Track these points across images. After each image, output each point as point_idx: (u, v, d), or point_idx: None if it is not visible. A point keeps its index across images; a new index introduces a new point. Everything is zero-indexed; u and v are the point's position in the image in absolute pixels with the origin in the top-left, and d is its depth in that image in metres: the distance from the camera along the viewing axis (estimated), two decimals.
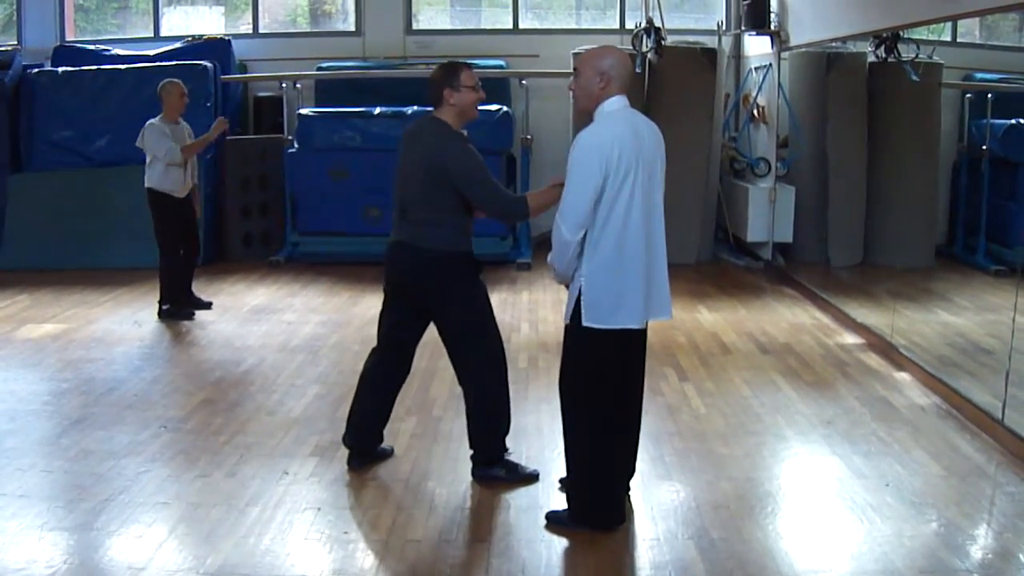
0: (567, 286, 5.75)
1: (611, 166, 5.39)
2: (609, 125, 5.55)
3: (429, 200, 6.18)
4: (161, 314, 10.77)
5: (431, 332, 6.53)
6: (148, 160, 10.44)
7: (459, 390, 7.33)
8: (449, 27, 16.60)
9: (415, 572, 5.35)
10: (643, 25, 13.97)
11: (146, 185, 10.49)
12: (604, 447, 5.75)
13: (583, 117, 5.69)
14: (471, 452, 6.53)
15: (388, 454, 6.84)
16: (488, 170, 6.21)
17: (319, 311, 11.28)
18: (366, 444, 6.76)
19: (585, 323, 5.58)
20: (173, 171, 10.45)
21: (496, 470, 6.45)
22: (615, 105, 5.61)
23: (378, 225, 13.05)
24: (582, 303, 5.58)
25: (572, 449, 5.86)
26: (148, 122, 10.45)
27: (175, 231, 10.62)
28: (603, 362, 5.67)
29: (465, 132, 6.33)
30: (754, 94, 14.24)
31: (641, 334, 5.73)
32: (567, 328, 5.75)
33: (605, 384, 5.70)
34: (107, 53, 15.33)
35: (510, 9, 16.08)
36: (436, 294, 6.33)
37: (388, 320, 6.59)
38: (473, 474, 6.50)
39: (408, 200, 6.27)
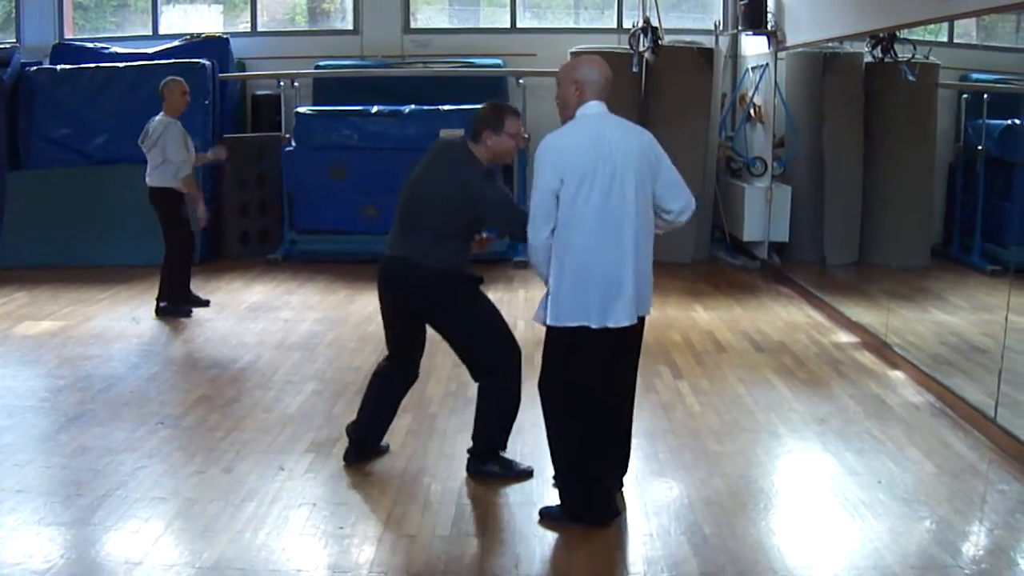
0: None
1: (564, 170, 5.54)
2: (568, 131, 5.73)
3: (440, 225, 6.19)
4: (159, 311, 10.79)
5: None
6: (159, 160, 10.43)
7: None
8: (447, 26, 16.59)
9: (410, 567, 5.37)
10: (640, 24, 13.99)
11: (156, 184, 10.47)
12: (576, 442, 5.80)
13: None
14: (469, 445, 6.57)
15: (384, 451, 6.86)
16: (511, 197, 6.28)
17: (316, 309, 11.32)
18: (368, 441, 6.79)
19: (548, 322, 5.74)
20: (185, 170, 10.45)
21: (491, 466, 6.48)
22: (588, 111, 5.72)
23: (375, 224, 13.07)
24: (549, 302, 5.73)
25: (551, 445, 5.96)
26: (167, 122, 10.43)
27: (185, 228, 10.65)
28: (563, 359, 5.78)
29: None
30: (751, 94, 14.27)
31: (609, 335, 5.69)
32: (545, 329, 5.84)
33: (569, 382, 5.77)
34: (106, 51, 15.34)
35: (508, 8, 16.08)
36: (438, 311, 6.37)
37: (391, 330, 6.62)
38: (468, 469, 6.53)
39: (418, 216, 6.27)
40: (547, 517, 5.87)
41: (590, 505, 5.80)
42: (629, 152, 5.63)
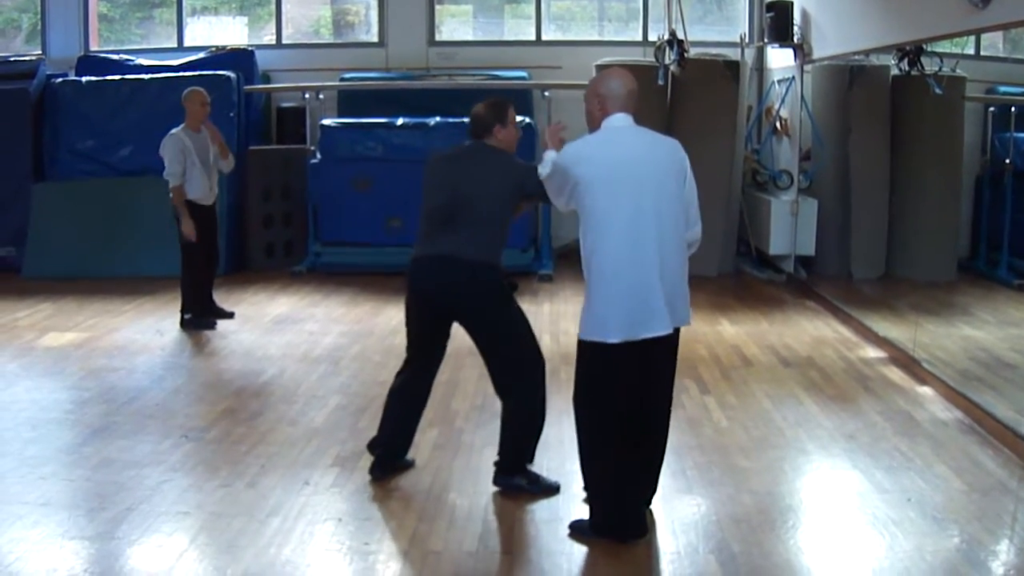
0: None
1: (578, 176, 5.58)
2: (588, 140, 5.77)
3: (493, 219, 6.29)
4: (183, 323, 10.80)
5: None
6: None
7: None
8: (472, 38, 16.59)
9: None
10: (666, 37, 13.97)
11: (170, 195, 10.50)
12: (605, 457, 5.77)
13: None
14: (496, 459, 6.54)
15: (410, 465, 6.84)
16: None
17: (341, 321, 11.30)
18: (392, 455, 6.77)
19: (580, 335, 5.74)
20: (198, 179, 10.48)
21: (518, 479, 6.45)
22: (613, 123, 5.72)
23: (400, 236, 13.06)
24: (582, 316, 5.74)
25: (582, 459, 5.92)
26: (171, 134, 10.48)
27: (201, 241, 10.62)
28: (594, 373, 5.74)
29: None
30: (777, 107, 14.23)
31: (641, 348, 5.65)
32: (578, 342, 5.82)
33: (598, 395, 5.74)
34: (131, 63, 15.39)
35: (533, 21, 16.10)
36: (476, 307, 6.35)
37: (417, 335, 6.59)
38: (495, 482, 6.50)
39: (464, 215, 6.27)
40: (576, 530, 5.84)
41: (619, 520, 5.76)
42: (656, 163, 5.63)
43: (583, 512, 5.94)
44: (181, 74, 14.52)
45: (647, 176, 5.58)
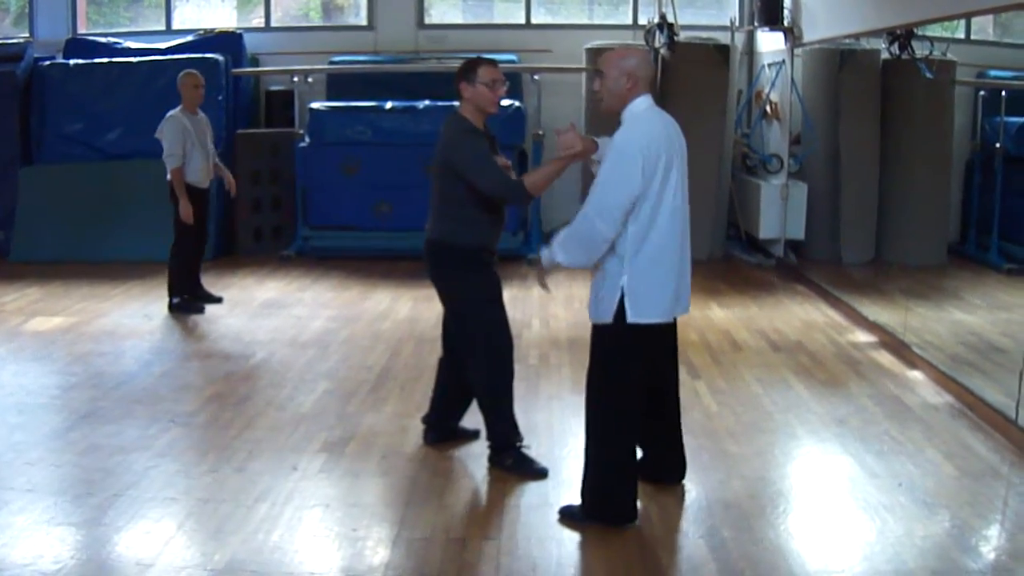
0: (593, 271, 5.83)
1: (650, 168, 5.42)
2: (644, 126, 5.57)
3: (441, 192, 6.36)
4: (171, 308, 10.75)
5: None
6: (165, 154, 10.40)
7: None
8: (461, 21, 16.54)
9: (423, 570, 5.31)
10: (656, 21, 13.94)
11: (169, 178, 10.44)
12: (620, 442, 5.75)
13: (609, 117, 5.72)
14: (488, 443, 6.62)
15: (472, 435, 6.97)
16: (487, 157, 6.23)
17: (329, 306, 11.26)
18: (443, 423, 6.98)
19: (631, 320, 5.58)
20: (197, 162, 10.44)
21: (506, 459, 6.50)
22: (642, 105, 5.63)
23: (389, 220, 13.05)
24: (627, 300, 5.57)
25: (594, 443, 5.83)
26: (169, 115, 10.43)
27: (195, 224, 10.56)
28: (626, 357, 5.70)
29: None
30: (767, 91, 14.20)
31: (670, 330, 5.83)
32: (600, 327, 5.73)
33: (627, 378, 5.70)
34: (119, 46, 15.32)
35: (522, 4, 16.04)
36: (435, 285, 6.54)
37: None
38: (489, 459, 6.59)
39: (432, 193, 6.43)
40: (566, 516, 5.83)
41: (610, 503, 5.75)
42: (682, 144, 5.69)
43: (573, 498, 5.91)
44: (169, 57, 14.49)
45: (681, 156, 5.64)
